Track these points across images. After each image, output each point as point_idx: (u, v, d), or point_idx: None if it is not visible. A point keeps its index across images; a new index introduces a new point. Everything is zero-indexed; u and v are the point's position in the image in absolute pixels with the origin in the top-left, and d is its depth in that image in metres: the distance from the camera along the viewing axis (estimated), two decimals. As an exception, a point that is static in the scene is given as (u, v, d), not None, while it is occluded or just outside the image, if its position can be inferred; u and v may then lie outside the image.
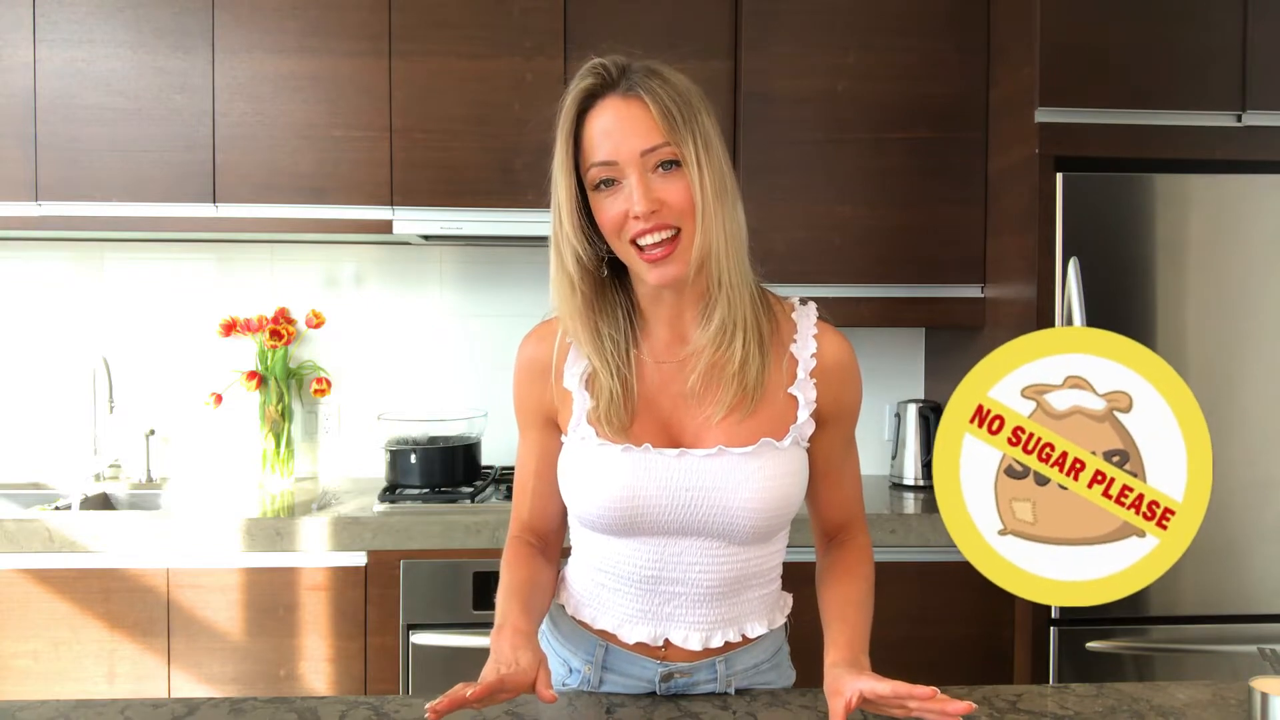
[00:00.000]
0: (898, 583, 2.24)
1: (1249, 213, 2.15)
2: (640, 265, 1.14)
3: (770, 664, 1.27)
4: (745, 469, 1.16)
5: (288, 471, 2.66)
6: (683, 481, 1.16)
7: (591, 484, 1.18)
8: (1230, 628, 2.15)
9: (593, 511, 1.19)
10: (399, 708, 1.15)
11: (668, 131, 1.12)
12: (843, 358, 1.23)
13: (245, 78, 2.38)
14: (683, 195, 1.13)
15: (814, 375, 1.21)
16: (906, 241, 2.44)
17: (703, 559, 1.18)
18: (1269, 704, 1.05)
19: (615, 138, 1.12)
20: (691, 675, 1.22)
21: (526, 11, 2.40)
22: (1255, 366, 2.15)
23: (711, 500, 1.16)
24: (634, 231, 1.12)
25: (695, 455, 1.17)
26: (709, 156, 1.13)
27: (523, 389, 1.27)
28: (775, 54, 2.42)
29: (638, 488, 1.16)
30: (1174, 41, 2.15)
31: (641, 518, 1.17)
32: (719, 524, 1.17)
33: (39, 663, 2.15)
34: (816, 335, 1.23)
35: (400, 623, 2.19)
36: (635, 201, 1.11)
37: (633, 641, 1.22)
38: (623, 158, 1.12)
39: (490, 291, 2.80)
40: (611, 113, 1.13)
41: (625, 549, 1.20)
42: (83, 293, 2.74)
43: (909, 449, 2.63)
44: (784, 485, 1.18)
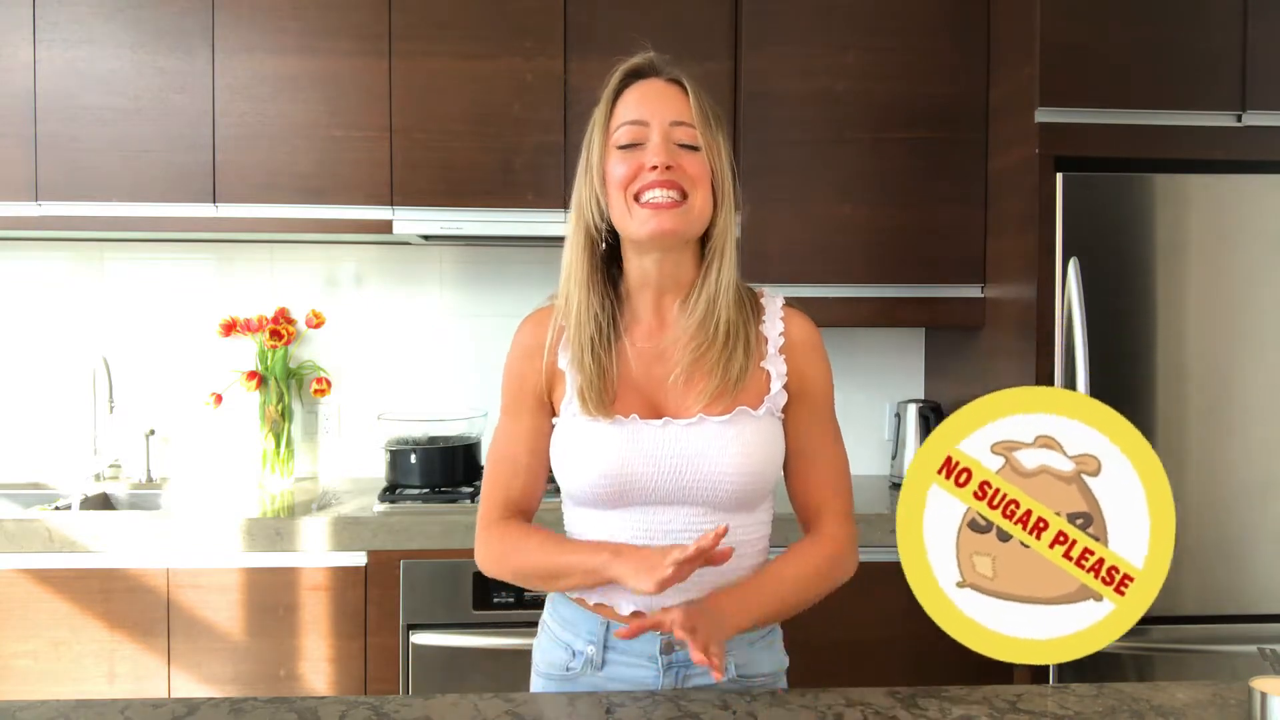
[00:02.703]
0: (897, 583, 2.22)
1: (1249, 213, 2.14)
2: (639, 215, 1.21)
3: (764, 640, 1.31)
4: (724, 435, 1.22)
5: (288, 471, 2.66)
6: (667, 450, 1.22)
7: (583, 458, 1.24)
8: (1230, 628, 2.15)
9: (585, 484, 1.24)
10: (399, 708, 1.15)
11: (698, 120, 1.23)
12: (807, 335, 1.31)
13: (245, 78, 2.38)
14: (698, 168, 1.22)
15: (783, 351, 1.29)
16: (906, 241, 2.44)
17: (690, 526, 1.24)
18: (1269, 704, 1.05)
19: (651, 103, 1.23)
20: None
21: (526, 11, 2.40)
22: (1255, 366, 2.15)
23: (694, 466, 1.22)
24: (644, 183, 1.20)
25: (678, 425, 1.23)
26: (724, 164, 1.25)
27: (519, 367, 1.32)
28: (775, 54, 2.42)
29: (627, 458, 1.22)
30: (1174, 41, 2.15)
31: (631, 487, 1.23)
32: (703, 490, 1.23)
33: (39, 663, 2.15)
34: (784, 317, 1.31)
35: (400, 623, 2.19)
36: (655, 154, 1.20)
37: (628, 612, 1.25)
38: (654, 120, 1.22)
39: (490, 291, 2.80)
40: (652, 87, 1.25)
41: (617, 521, 1.25)
42: (83, 293, 2.74)
43: (909, 449, 2.63)
44: (761, 451, 1.24)
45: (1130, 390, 2.13)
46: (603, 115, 1.26)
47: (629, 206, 1.22)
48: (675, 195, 1.20)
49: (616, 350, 1.27)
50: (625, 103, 1.25)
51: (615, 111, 1.25)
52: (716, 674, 1.06)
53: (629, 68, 1.27)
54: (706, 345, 1.24)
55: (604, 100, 1.26)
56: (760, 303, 1.32)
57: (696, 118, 1.23)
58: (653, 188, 1.20)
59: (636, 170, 1.21)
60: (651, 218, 1.20)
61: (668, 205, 1.20)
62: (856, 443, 2.80)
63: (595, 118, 1.27)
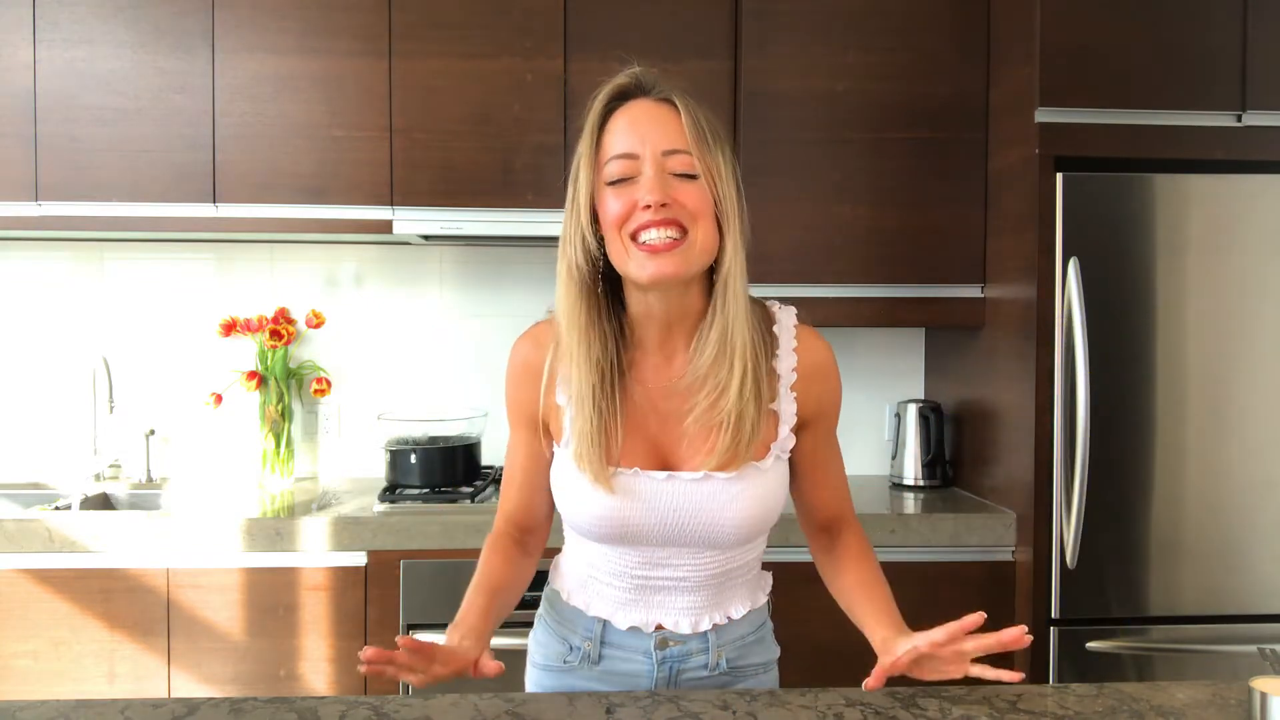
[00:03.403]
0: (897, 583, 2.20)
1: (1249, 213, 2.14)
2: (636, 257, 1.12)
3: (755, 637, 1.31)
4: (730, 491, 1.18)
5: (288, 471, 2.66)
6: (670, 503, 1.18)
7: (581, 501, 1.20)
8: (1230, 628, 2.15)
9: (581, 525, 1.22)
10: (399, 708, 1.15)
11: (694, 143, 1.12)
12: (820, 361, 1.24)
13: (245, 78, 2.38)
14: (697, 200, 1.11)
15: (794, 388, 1.22)
16: (906, 241, 2.44)
17: (689, 561, 1.22)
18: (1269, 704, 1.05)
19: (640, 131, 1.12)
20: (685, 643, 1.26)
21: (526, 12, 2.40)
22: (1255, 366, 2.15)
23: (698, 520, 1.19)
24: (639, 223, 1.11)
25: (683, 479, 1.18)
26: (727, 186, 1.14)
27: (515, 390, 1.28)
28: (775, 54, 2.42)
29: (626, 509, 1.18)
30: (1174, 41, 2.15)
31: (629, 533, 1.20)
32: (705, 538, 1.20)
33: (39, 663, 2.15)
34: (796, 347, 1.23)
35: (400, 623, 2.19)
36: (648, 191, 1.09)
37: (625, 627, 1.26)
38: (644, 152, 1.11)
39: (490, 291, 2.80)
40: (640, 110, 1.14)
41: (614, 553, 1.23)
42: (83, 293, 2.74)
43: (909, 449, 2.63)
44: (767, 501, 1.21)
45: (1130, 390, 2.13)
46: (588, 147, 1.14)
47: (626, 247, 1.12)
48: (674, 234, 1.10)
49: (620, 391, 1.19)
50: (612, 132, 1.13)
51: (603, 143, 1.14)
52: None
53: (613, 89, 1.15)
54: (719, 393, 1.16)
55: (588, 129, 1.15)
56: (773, 330, 1.23)
57: (692, 141, 1.11)
58: (649, 228, 1.10)
59: (630, 208, 1.10)
60: (649, 260, 1.10)
61: (665, 246, 1.10)
62: (857, 442, 2.81)
63: (580, 149, 1.15)
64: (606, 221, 1.14)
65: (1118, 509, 2.13)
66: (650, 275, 1.11)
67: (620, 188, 1.12)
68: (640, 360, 1.22)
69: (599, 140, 1.15)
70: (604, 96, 1.16)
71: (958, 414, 2.62)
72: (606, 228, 1.14)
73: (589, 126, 1.15)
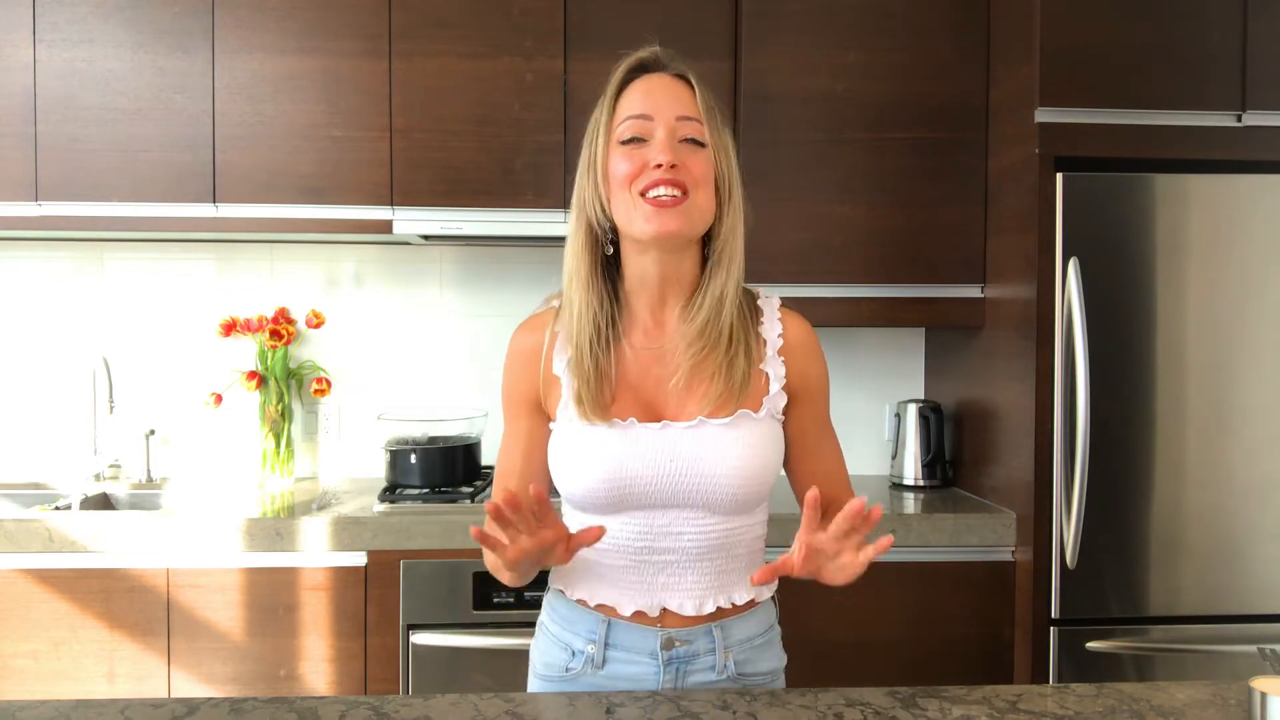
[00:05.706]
0: (898, 583, 2.23)
1: (1249, 213, 2.14)
2: (642, 210, 1.20)
3: (763, 639, 1.32)
4: (725, 439, 1.22)
5: (288, 471, 2.66)
6: (666, 453, 1.22)
7: (581, 462, 1.23)
8: (1230, 628, 2.15)
9: (583, 489, 1.24)
10: (399, 708, 1.15)
11: (705, 118, 1.22)
12: (804, 336, 1.31)
13: (245, 78, 2.38)
14: (702, 167, 1.21)
15: (781, 353, 1.29)
16: (906, 241, 2.44)
17: (689, 528, 1.24)
18: (1269, 704, 1.05)
19: (656, 98, 1.22)
20: (692, 643, 1.26)
21: (526, 11, 2.40)
22: (1255, 366, 2.15)
23: (694, 470, 1.22)
24: (649, 181, 1.19)
25: (677, 427, 1.23)
26: (730, 163, 1.24)
27: (513, 375, 1.32)
28: (775, 54, 2.42)
29: (625, 461, 1.22)
30: (1174, 41, 2.15)
31: (629, 491, 1.22)
32: (702, 493, 1.22)
33: (39, 663, 2.15)
34: (781, 319, 1.31)
35: (400, 623, 2.19)
36: (660, 151, 1.19)
37: (630, 612, 1.26)
38: (659, 114, 1.21)
39: (490, 291, 2.80)
40: (657, 81, 1.24)
41: (615, 526, 1.25)
42: (83, 293, 2.74)
43: (909, 449, 2.63)
44: (761, 454, 1.24)
45: (1130, 390, 2.13)
46: (606, 110, 1.24)
47: (634, 202, 1.20)
48: (677, 193, 1.19)
49: (615, 352, 1.26)
50: (629, 97, 1.23)
51: (619, 106, 1.23)
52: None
53: (634, 62, 1.25)
54: (708, 350, 1.23)
55: (607, 95, 1.25)
56: (758, 304, 1.32)
57: (703, 114, 1.22)
58: (657, 185, 1.18)
59: (641, 167, 1.19)
60: (655, 215, 1.19)
61: (670, 203, 1.18)
62: (856, 442, 2.81)
63: (598, 113, 1.25)
64: (616, 179, 1.22)
65: (1118, 509, 2.13)
66: (654, 229, 1.19)
67: (631, 147, 1.21)
68: (632, 327, 1.29)
69: (616, 104, 1.24)
70: (625, 67, 1.25)
71: (958, 414, 2.62)
72: (615, 185, 1.22)
73: (608, 92, 1.25)
